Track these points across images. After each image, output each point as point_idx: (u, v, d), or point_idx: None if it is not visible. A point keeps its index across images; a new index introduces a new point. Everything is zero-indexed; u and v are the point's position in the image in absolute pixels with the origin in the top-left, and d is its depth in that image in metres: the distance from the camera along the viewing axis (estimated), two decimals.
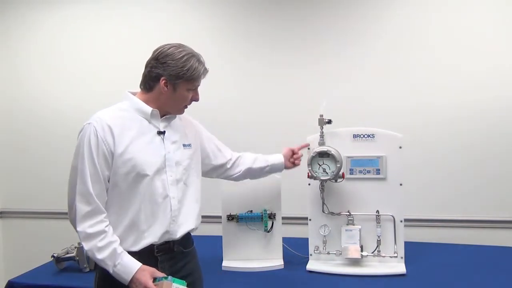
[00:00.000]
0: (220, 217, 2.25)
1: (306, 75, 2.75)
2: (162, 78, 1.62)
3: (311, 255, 2.20)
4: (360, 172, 2.14)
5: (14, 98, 3.15)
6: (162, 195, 1.63)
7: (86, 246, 1.54)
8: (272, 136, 2.78)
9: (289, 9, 2.75)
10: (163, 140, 1.66)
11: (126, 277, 1.53)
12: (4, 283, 2.10)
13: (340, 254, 2.12)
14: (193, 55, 1.65)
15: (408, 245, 2.16)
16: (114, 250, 1.54)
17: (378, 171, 2.12)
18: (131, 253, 1.57)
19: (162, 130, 1.67)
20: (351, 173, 2.14)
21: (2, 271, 3.21)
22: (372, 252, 2.11)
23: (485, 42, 2.53)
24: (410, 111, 2.62)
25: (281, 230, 2.23)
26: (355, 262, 2.12)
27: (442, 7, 2.57)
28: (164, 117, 1.69)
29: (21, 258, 3.11)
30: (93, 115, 1.60)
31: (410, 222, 2.27)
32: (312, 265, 2.15)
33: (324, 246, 2.16)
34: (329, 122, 2.11)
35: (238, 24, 2.84)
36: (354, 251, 2.08)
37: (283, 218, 2.24)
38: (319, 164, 2.08)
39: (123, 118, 1.62)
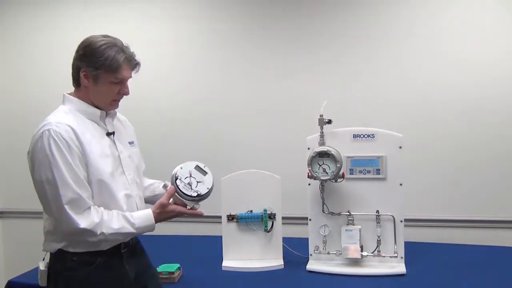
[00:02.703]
0: (220, 217, 2.25)
1: (307, 75, 2.75)
2: (82, 70, 1.53)
3: (311, 255, 2.20)
4: (360, 172, 2.14)
5: (14, 99, 3.15)
6: (126, 196, 1.59)
7: (100, 231, 1.46)
8: (272, 136, 2.79)
9: (290, 11, 2.75)
10: (113, 141, 1.61)
11: (151, 223, 1.54)
12: (4, 283, 2.10)
13: (340, 254, 2.12)
14: (114, 45, 1.52)
15: (408, 245, 2.15)
16: (120, 215, 1.52)
17: (378, 171, 2.12)
18: (99, 253, 1.53)
19: (110, 131, 1.61)
20: (351, 173, 2.14)
21: (2, 271, 3.20)
22: (372, 252, 2.11)
23: (486, 42, 2.53)
24: (410, 110, 2.62)
25: (281, 230, 2.23)
26: (355, 262, 2.12)
27: (441, 8, 2.57)
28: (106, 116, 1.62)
29: (21, 258, 3.10)
30: (45, 122, 1.49)
31: (410, 222, 2.26)
32: (312, 265, 2.15)
33: (324, 246, 2.16)
34: (329, 122, 2.11)
35: (239, 26, 2.84)
36: (354, 251, 2.08)
37: (283, 218, 2.24)
38: (319, 164, 2.07)
39: (75, 121, 1.52)
